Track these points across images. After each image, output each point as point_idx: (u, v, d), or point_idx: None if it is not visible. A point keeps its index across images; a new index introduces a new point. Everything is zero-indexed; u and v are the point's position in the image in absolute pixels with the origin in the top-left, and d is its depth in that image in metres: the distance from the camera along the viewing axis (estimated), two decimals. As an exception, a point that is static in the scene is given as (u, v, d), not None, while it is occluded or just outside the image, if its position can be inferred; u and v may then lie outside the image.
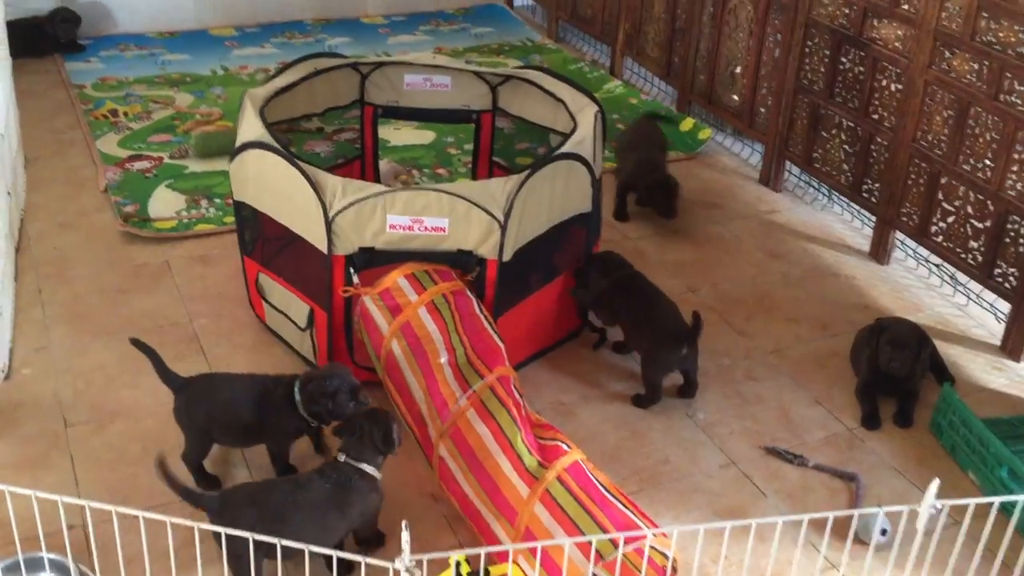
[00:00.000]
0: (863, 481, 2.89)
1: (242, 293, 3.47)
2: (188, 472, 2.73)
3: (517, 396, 2.70)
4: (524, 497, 2.44)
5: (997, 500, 1.72)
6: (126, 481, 2.76)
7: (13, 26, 4.65)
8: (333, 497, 2.39)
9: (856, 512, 1.75)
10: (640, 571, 2.27)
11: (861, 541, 2.67)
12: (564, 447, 2.56)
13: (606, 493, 2.46)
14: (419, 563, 1.47)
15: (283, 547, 2.25)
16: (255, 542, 2.23)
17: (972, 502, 1.72)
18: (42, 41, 5.44)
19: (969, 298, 3.78)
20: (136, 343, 2.74)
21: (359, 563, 2.40)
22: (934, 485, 1.66)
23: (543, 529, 2.39)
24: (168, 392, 3.02)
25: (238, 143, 3.15)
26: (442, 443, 2.63)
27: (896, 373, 3.10)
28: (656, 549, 2.35)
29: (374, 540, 2.59)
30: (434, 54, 5.64)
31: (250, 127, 3.14)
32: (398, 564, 1.47)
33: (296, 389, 2.67)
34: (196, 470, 2.75)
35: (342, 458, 2.47)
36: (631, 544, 2.30)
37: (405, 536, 1.42)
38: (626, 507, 2.43)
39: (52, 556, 2.27)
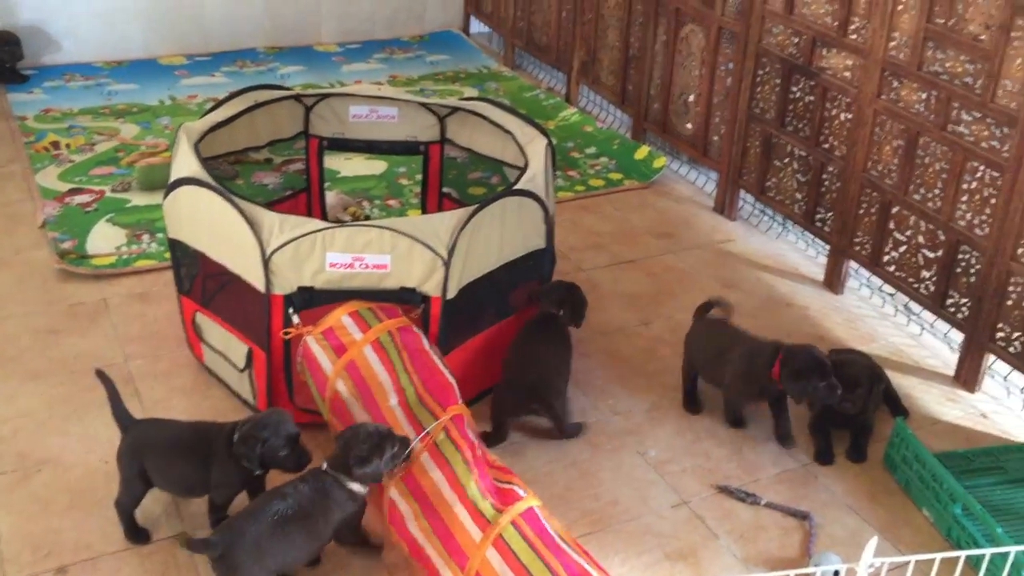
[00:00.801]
0: (816, 520, 2.83)
1: (181, 333, 3.36)
2: (118, 519, 2.62)
3: (472, 436, 2.61)
4: (476, 542, 2.35)
5: (938, 557, 1.66)
6: (50, 534, 2.63)
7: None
8: (316, 503, 2.41)
9: (818, 570, 1.68)
10: None
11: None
12: (520, 492, 2.47)
13: (560, 542, 2.37)
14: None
15: (285, 560, 2.35)
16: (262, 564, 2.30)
17: (912, 559, 1.66)
18: (-16, 70, 5.32)
19: (923, 328, 3.76)
20: (100, 374, 2.67)
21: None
22: (872, 544, 1.59)
23: (494, 575, 2.30)
24: (99, 440, 2.94)
25: (171, 179, 3.05)
26: (393, 486, 2.53)
27: (848, 412, 3.06)
28: None
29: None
30: (380, 85, 5.58)
31: (184, 162, 3.04)
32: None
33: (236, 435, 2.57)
34: (127, 519, 2.63)
35: (324, 466, 2.47)
36: None
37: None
38: (580, 557, 2.35)
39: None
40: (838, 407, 3.06)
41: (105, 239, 3.98)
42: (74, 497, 2.75)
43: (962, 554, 1.64)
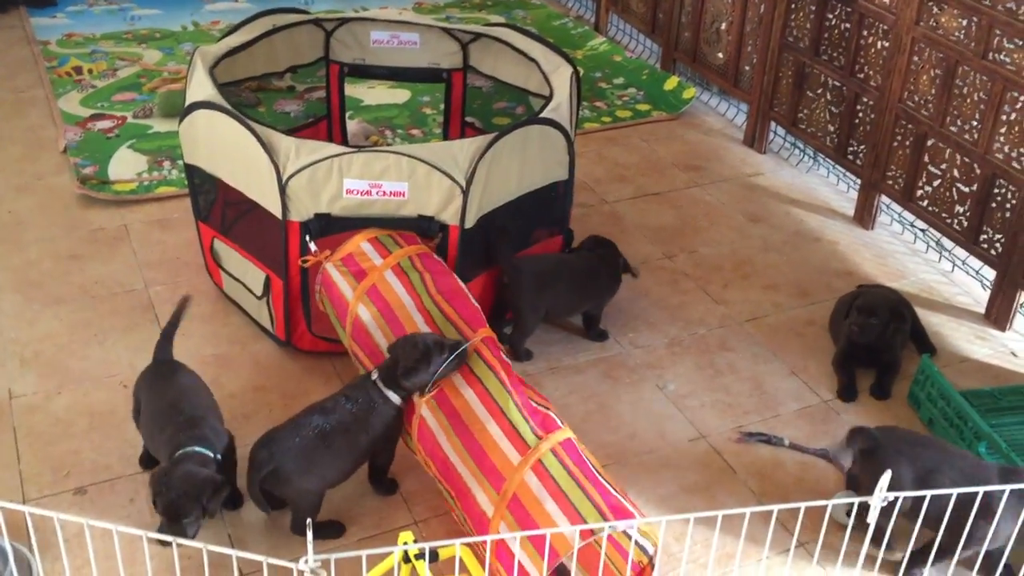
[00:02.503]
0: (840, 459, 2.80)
1: (201, 260, 3.35)
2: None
3: (504, 357, 2.58)
4: (514, 464, 2.33)
5: (955, 492, 1.62)
6: (70, 456, 2.66)
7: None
8: (357, 417, 2.43)
9: (830, 503, 1.65)
10: (627, 554, 2.18)
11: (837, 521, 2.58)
12: (557, 422, 2.45)
13: (598, 475, 2.35)
14: (325, 563, 1.36)
15: (332, 473, 2.39)
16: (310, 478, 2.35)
17: (928, 493, 1.62)
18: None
19: (955, 264, 3.66)
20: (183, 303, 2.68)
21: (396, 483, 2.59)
22: (885, 478, 1.55)
23: (532, 497, 2.27)
24: (119, 364, 2.97)
25: (187, 103, 3.01)
26: (424, 404, 2.51)
27: (860, 340, 3.00)
28: (637, 543, 2.25)
29: (386, 484, 2.61)
30: (401, 10, 5.45)
31: (199, 86, 3.00)
32: (302, 565, 1.37)
33: None
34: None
35: (374, 375, 2.48)
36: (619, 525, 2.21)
37: (309, 535, 1.31)
38: (616, 492, 2.33)
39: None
40: (852, 335, 3.00)
41: (126, 165, 3.97)
42: (94, 419, 2.78)
43: (980, 490, 1.59)
